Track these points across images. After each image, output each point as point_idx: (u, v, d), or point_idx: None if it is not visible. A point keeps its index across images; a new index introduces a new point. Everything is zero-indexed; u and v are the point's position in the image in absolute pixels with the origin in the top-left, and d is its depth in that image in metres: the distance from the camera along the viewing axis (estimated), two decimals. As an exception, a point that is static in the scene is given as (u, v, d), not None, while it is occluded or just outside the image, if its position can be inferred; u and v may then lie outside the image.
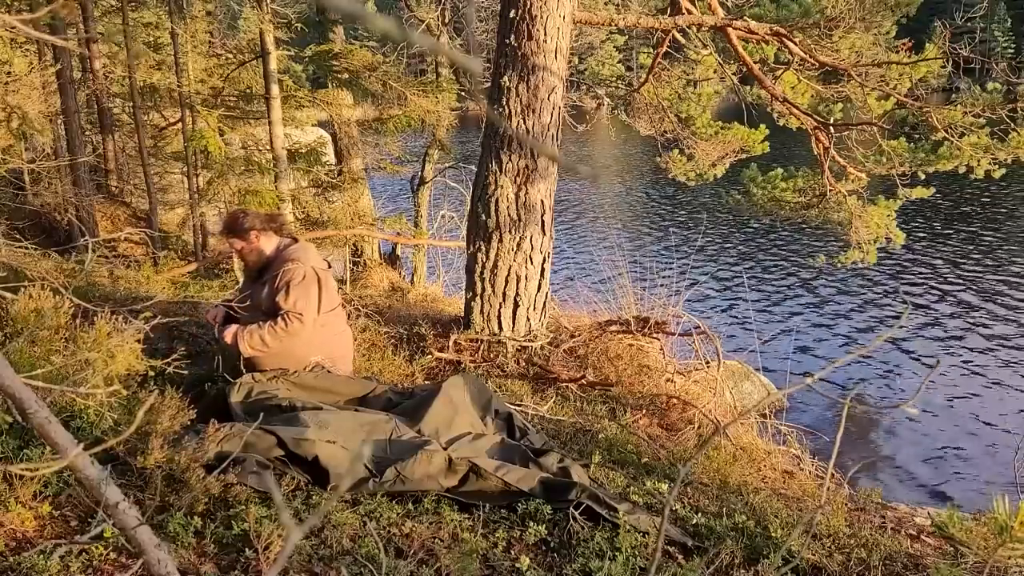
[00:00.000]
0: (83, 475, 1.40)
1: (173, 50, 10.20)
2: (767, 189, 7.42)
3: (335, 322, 4.02)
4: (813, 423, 6.67)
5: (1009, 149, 6.25)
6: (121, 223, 10.99)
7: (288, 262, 3.83)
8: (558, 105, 5.32)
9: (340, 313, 4.13)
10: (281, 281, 3.79)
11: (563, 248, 15.73)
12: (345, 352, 4.12)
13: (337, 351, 4.02)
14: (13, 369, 1.35)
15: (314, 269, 3.84)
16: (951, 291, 12.72)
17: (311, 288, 3.79)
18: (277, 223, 4.05)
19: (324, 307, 3.87)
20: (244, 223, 3.91)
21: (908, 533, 3.39)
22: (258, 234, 3.92)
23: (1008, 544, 2.29)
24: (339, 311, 4.10)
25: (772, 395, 5.08)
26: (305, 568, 2.43)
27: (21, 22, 1.58)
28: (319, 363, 3.87)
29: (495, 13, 11.43)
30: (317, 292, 3.82)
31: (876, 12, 6.07)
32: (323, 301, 3.86)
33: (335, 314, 4.01)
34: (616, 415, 4.68)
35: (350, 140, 12.19)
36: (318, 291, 3.82)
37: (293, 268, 3.79)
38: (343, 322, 4.19)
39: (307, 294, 3.78)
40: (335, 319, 4.02)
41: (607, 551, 2.71)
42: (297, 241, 4.04)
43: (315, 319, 3.82)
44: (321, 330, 3.87)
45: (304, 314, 3.75)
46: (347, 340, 4.17)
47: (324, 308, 3.87)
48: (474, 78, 10.60)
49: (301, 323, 3.75)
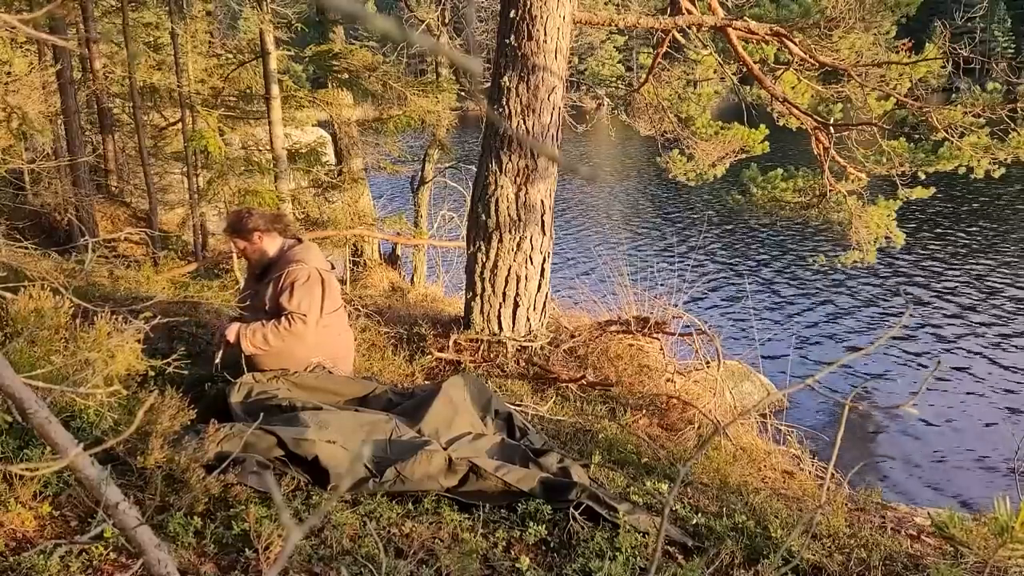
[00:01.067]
0: (83, 475, 1.40)
1: (173, 50, 10.19)
2: (767, 189, 7.42)
3: (336, 323, 4.02)
4: (813, 423, 6.67)
5: (1009, 149, 6.25)
6: (121, 223, 10.99)
7: (292, 263, 3.82)
8: (558, 105, 5.32)
9: (342, 314, 4.13)
10: (285, 282, 3.78)
11: (563, 248, 15.73)
12: (346, 353, 4.12)
13: (338, 352, 4.02)
14: (13, 369, 1.35)
15: (318, 270, 3.84)
16: (951, 291, 12.72)
17: (315, 289, 3.79)
18: (282, 223, 4.05)
19: (327, 308, 3.87)
20: (248, 223, 3.90)
21: (908, 533, 3.39)
22: (262, 234, 3.92)
23: (1008, 544, 2.29)
24: (341, 312, 4.10)
25: (772, 395, 5.08)
26: (305, 568, 2.43)
27: (21, 22, 1.58)
28: (320, 363, 3.87)
29: (495, 13, 11.44)
30: (320, 293, 3.82)
31: (876, 12, 6.08)
32: (326, 302, 3.86)
33: (337, 315, 4.01)
34: (616, 415, 4.68)
35: (350, 140, 12.18)
36: (321, 292, 3.82)
37: (297, 269, 3.79)
38: (344, 323, 4.19)
39: (311, 295, 3.78)
40: (337, 320, 4.02)
41: (607, 551, 2.71)
42: (301, 241, 4.04)
43: (317, 320, 3.82)
44: (323, 331, 3.87)
45: (307, 315, 3.76)
46: (348, 341, 4.18)
47: (327, 309, 3.87)
48: (474, 78, 10.60)
49: (304, 324, 3.75)
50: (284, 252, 3.93)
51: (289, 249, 3.93)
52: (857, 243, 7.12)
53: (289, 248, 3.94)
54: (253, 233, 3.90)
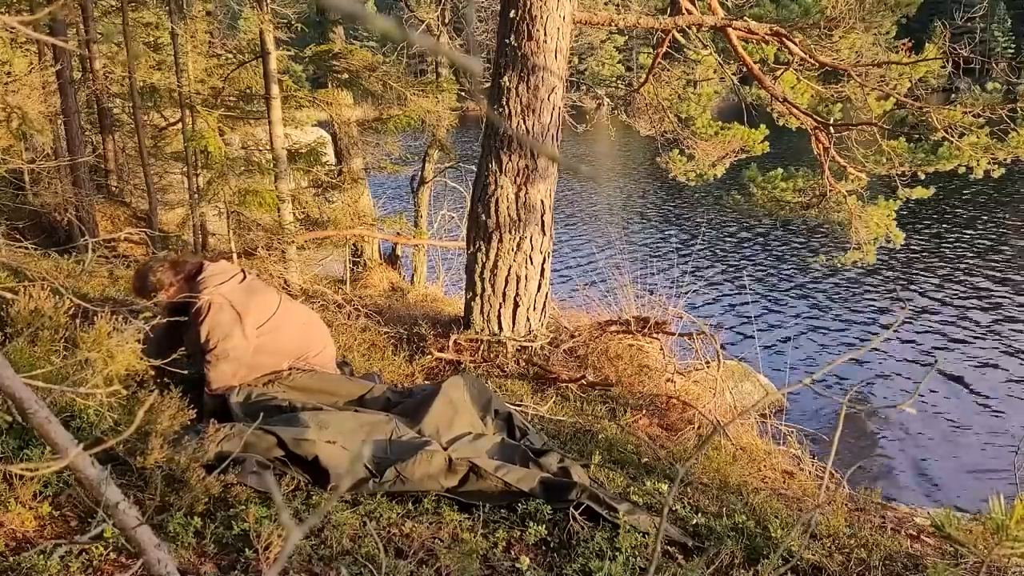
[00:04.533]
0: (83, 475, 1.40)
1: (173, 50, 10.19)
2: (767, 189, 7.42)
3: (287, 323, 3.79)
4: (813, 423, 6.67)
5: (1009, 149, 6.26)
6: (121, 223, 10.98)
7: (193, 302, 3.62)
8: (558, 105, 5.32)
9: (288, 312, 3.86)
10: (192, 321, 3.59)
11: (563, 248, 15.73)
12: (312, 344, 3.88)
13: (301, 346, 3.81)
14: (13, 369, 1.35)
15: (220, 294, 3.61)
16: (951, 291, 12.72)
17: (219, 316, 3.58)
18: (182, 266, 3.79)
19: (253, 322, 3.64)
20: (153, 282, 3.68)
21: (908, 533, 3.39)
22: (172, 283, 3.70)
23: (1005, 542, 2.29)
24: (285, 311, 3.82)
25: (772, 395, 5.08)
26: (305, 568, 2.43)
27: (21, 23, 1.58)
28: (292, 367, 3.73)
29: (495, 13, 11.43)
30: (231, 313, 3.59)
31: (876, 12, 6.08)
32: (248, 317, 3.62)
33: (277, 318, 3.76)
34: (616, 415, 4.68)
35: (350, 140, 12.18)
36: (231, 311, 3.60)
37: (199, 304, 3.59)
38: (299, 316, 3.92)
39: (218, 324, 3.57)
40: (282, 322, 3.77)
41: (607, 551, 2.71)
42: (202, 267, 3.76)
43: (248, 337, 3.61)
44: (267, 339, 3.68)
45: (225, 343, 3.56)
46: (312, 331, 3.93)
47: (254, 323, 3.65)
48: (474, 78, 10.60)
49: (227, 355, 3.56)
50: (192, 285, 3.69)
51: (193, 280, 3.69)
52: (857, 243, 7.12)
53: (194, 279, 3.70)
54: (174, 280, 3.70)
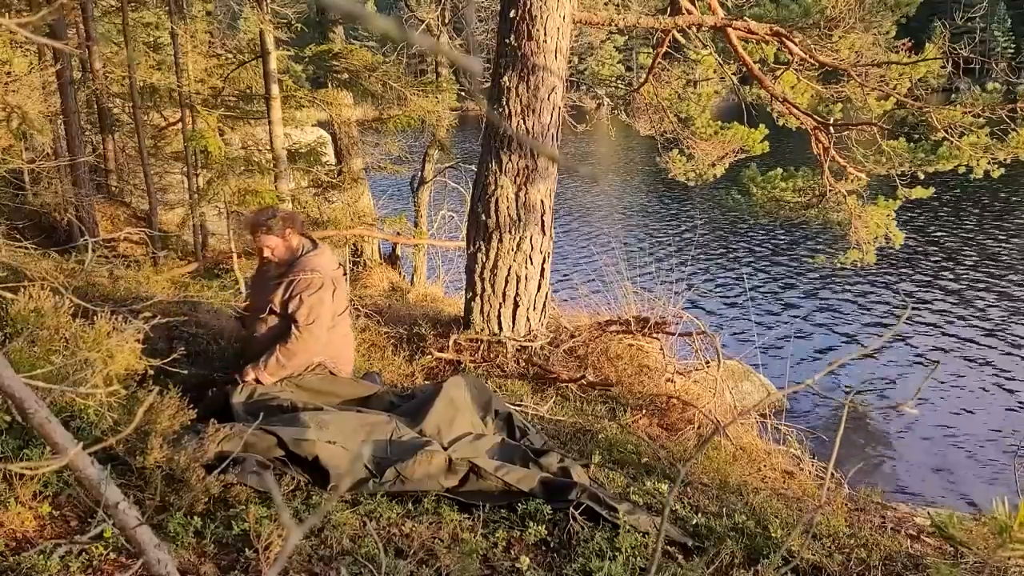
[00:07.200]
0: (83, 475, 1.40)
1: (173, 50, 10.18)
2: (767, 189, 7.42)
3: (342, 324, 4.01)
4: (813, 423, 6.67)
5: (1009, 149, 6.26)
6: (121, 223, 10.98)
7: (306, 270, 3.77)
8: (558, 105, 5.32)
9: (347, 315, 4.13)
10: (297, 289, 3.74)
11: (563, 248, 15.73)
12: (347, 353, 4.11)
13: (341, 352, 4.00)
14: (13, 369, 1.35)
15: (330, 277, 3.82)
16: (950, 291, 12.72)
17: (325, 297, 3.77)
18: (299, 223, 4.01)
19: (335, 312, 3.86)
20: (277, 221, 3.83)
21: (908, 533, 3.39)
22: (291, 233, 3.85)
23: (1008, 544, 2.29)
24: (346, 314, 4.10)
25: (772, 395, 5.08)
26: (305, 568, 2.43)
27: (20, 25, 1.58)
28: (321, 363, 3.86)
29: (495, 13, 11.43)
30: (331, 299, 3.80)
31: (876, 12, 6.08)
32: (335, 306, 3.85)
33: (343, 317, 4.01)
34: (616, 415, 4.68)
35: (350, 140, 12.18)
36: (331, 298, 3.81)
37: (311, 277, 3.75)
38: (348, 324, 4.18)
39: (321, 304, 3.75)
40: (342, 321, 4.01)
41: (607, 551, 2.71)
42: (316, 244, 3.98)
43: (327, 326, 3.80)
44: (329, 333, 3.85)
45: (315, 323, 3.73)
46: (350, 341, 4.18)
47: (335, 312, 3.86)
48: (474, 78, 10.61)
49: (312, 335, 3.72)
50: (299, 256, 3.87)
51: (304, 254, 3.87)
52: (857, 243, 7.12)
53: (305, 253, 3.88)
54: (285, 231, 3.83)
